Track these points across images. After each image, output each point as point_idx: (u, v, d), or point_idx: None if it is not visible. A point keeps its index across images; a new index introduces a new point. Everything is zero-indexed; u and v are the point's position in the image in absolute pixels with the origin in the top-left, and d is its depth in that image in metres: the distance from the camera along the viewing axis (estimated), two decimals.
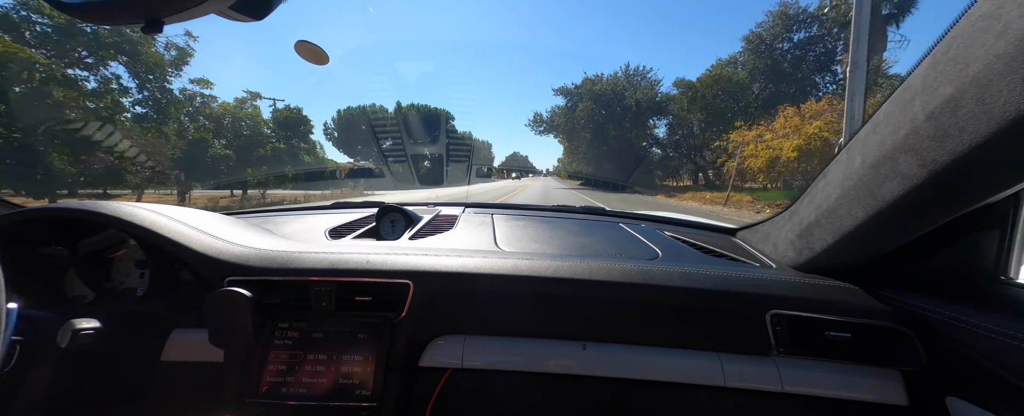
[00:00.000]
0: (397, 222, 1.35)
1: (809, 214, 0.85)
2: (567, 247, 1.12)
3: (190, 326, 0.87)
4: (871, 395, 0.75)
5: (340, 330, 0.82)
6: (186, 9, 0.45)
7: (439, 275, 0.83)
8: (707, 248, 1.13)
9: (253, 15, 0.53)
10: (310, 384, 0.77)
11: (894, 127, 0.59)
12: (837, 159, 0.79)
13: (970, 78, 0.46)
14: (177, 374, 0.85)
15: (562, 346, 0.84)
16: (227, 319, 0.74)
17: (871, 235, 0.71)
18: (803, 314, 0.77)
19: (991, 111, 0.44)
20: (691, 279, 0.83)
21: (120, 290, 0.99)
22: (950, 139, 0.49)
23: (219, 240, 0.89)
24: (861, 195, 0.67)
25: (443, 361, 0.83)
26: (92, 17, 0.47)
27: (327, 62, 0.88)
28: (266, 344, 0.80)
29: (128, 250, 1.01)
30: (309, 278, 0.82)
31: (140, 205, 0.92)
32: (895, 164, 0.59)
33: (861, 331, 0.75)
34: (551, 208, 1.70)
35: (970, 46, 0.47)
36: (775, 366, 0.78)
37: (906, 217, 0.64)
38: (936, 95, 0.51)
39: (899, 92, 0.60)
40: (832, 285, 0.82)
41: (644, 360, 0.82)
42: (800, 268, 0.92)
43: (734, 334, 0.82)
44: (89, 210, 0.85)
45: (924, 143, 0.53)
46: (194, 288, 0.94)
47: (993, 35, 0.44)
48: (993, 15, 0.44)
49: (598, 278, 0.83)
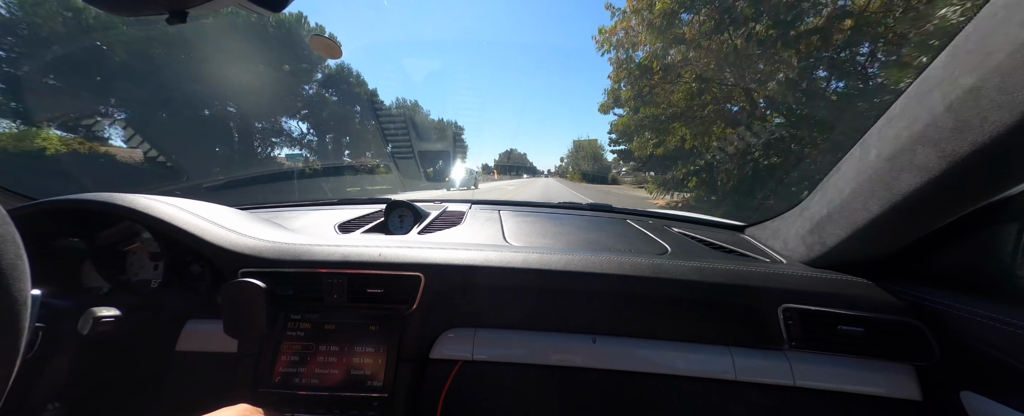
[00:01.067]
0: (405, 217, 1.35)
1: (821, 209, 0.85)
2: (576, 242, 1.12)
3: (203, 317, 0.89)
4: (884, 390, 0.75)
5: (352, 322, 0.83)
6: (208, 1, 0.46)
7: (450, 268, 0.84)
8: (717, 244, 1.12)
9: (271, 7, 0.54)
10: (322, 375, 0.78)
11: (911, 120, 0.59)
12: (850, 154, 0.78)
13: (993, 67, 0.46)
14: (192, 364, 0.86)
15: (572, 339, 0.85)
16: (241, 310, 0.75)
17: (886, 229, 0.71)
18: (815, 308, 0.77)
19: (1015, 99, 0.44)
20: (703, 273, 0.83)
21: (135, 282, 1.01)
22: (971, 129, 0.49)
23: (233, 233, 0.90)
24: (876, 189, 0.67)
25: (453, 353, 0.84)
26: (118, 8, 0.49)
27: (341, 56, 0.89)
28: (279, 335, 0.81)
29: (142, 243, 1.02)
30: (321, 270, 0.83)
31: (155, 198, 0.93)
32: (912, 156, 0.58)
33: (874, 325, 0.75)
34: (558, 205, 1.70)
35: (993, 35, 0.46)
36: (787, 360, 0.78)
37: (924, 210, 0.63)
38: (956, 86, 0.50)
39: (916, 85, 0.60)
40: (845, 279, 0.82)
41: (654, 354, 0.82)
42: (811, 263, 0.91)
43: (745, 328, 0.82)
44: (106, 202, 0.86)
45: (943, 134, 0.53)
46: (207, 280, 0.96)
47: (1015, 24, 0.43)
48: (1018, 3, 0.44)
49: (609, 271, 0.83)
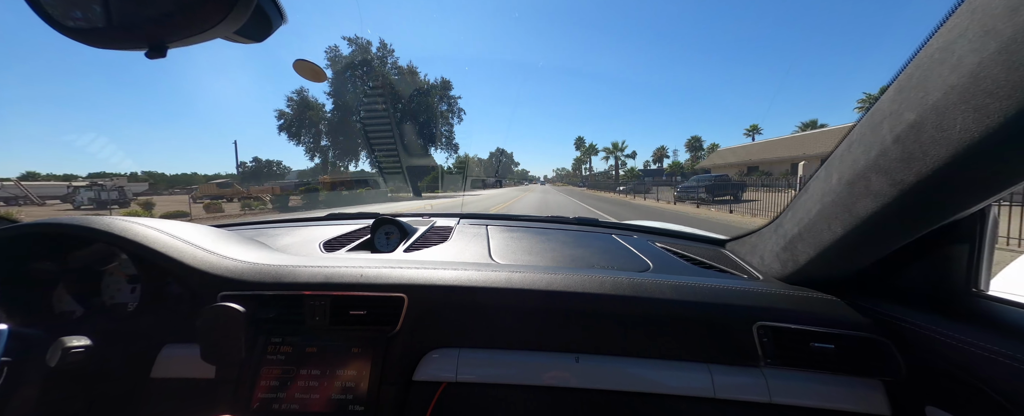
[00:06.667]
0: (392, 234, 1.35)
1: (792, 227, 0.89)
2: (561, 259, 1.13)
3: (181, 342, 0.87)
4: (855, 405, 0.77)
5: (334, 344, 0.82)
6: (190, 36, 0.47)
7: (433, 288, 0.84)
8: (697, 260, 1.15)
9: (255, 38, 0.55)
10: (303, 400, 0.77)
11: (866, 147, 0.63)
12: (816, 175, 0.82)
13: (930, 106, 0.50)
14: (168, 391, 0.83)
15: (555, 358, 0.85)
16: (220, 335, 0.74)
17: (849, 249, 0.74)
18: (788, 326, 0.80)
19: (949, 137, 0.47)
20: (680, 291, 0.85)
21: (110, 305, 0.98)
22: (916, 161, 0.53)
23: (212, 254, 0.89)
24: (838, 211, 0.71)
25: (437, 375, 0.84)
26: (94, 41, 0.48)
27: (325, 79, 0.90)
28: (258, 360, 0.80)
29: (119, 264, 1.00)
30: (303, 292, 0.82)
31: (132, 219, 0.92)
32: (868, 183, 0.62)
33: (843, 342, 0.78)
34: (545, 219, 1.72)
35: (929, 76, 0.50)
36: (763, 377, 0.80)
37: (881, 233, 0.67)
38: (901, 120, 0.54)
39: (870, 114, 0.64)
40: (815, 297, 0.85)
41: (636, 372, 0.83)
42: (785, 280, 0.94)
43: (723, 346, 0.84)
44: (81, 225, 0.84)
45: (893, 164, 0.57)
46: (186, 303, 0.94)
47: (948, 67, 0.48)
48: (947, 48, 0.48)
49: (591, 290, 0.84)
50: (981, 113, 0.44)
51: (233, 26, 0.46)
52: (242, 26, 0.47)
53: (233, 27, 0.46)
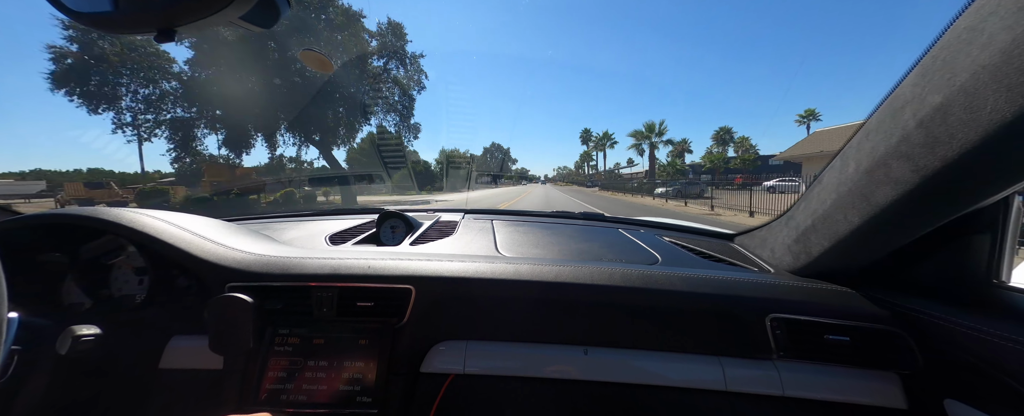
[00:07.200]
0: (397, 228, 1.35)
1: (805, 219, 0.87)
2: (567, 252, 1.12)
3: (188, 333, 0.87)
4: (870, 398, 0.76)
5: (341, 336, 0.82)
6: (198, 20, 0.47)
7: (441, 280, 0.84)
8: (706, 253, 1.14)
9: (261, 24, 0.55)
10: (310, 391, 0.77)
11: (886, 134, 0.61)
12: (830, 165, 0.81)
13: (958, 87, 0.48)
14: (176, 382, 0.84)
15: (563, 351, 0.85)
16: (228, 325, 0.73)
17: (866, 240, 0.73)
18: (802, 318, 0.78)
19: (979, 119, 0.46)
20: (691, 283, 0.84)
21: (118, 297, 0.98)
22: (941, 145, 0.51)
23: (221, 246, 0.89)
24: (856, 200, 0.69)
25: (445, 367, 0.83)
26: (103, 26, 0.48)
27: (332, 70, 0.89)
28: (266, 351, 0.80)
29: (127, 256, 1.00)
30: (311, 284, 0.82)
31: (142, 211, 0.92)
32: (888, 170, 0.60)
33: (859, 334, 0.76)
34: (551, 214, 1.71)
35: (956, 57, 0.49)
36: (776, 370, 0.79)
37: (900, 221, 0.65)
38: (925, 103, 0.53)
39: (889, 101, 0.62)
40: (829, 289, 0.83)
41: (645, 365, 0.82)
42: (797, 272, 0.93)
43: (735, 338, 0.83)
44: (91, 216, 0.85)
45: (916, 149, 0.55)
46: (193, 295, 0.94)
47: (977, 47, 0.46)
48: (977, 28, 0.46)
49: (599, 282, 0.83)
50: (1014, 92, 0.42)
51: (240, 10, 0.46)
52: (249, 12, 0.47)
53: (240, 11, 0.46)
